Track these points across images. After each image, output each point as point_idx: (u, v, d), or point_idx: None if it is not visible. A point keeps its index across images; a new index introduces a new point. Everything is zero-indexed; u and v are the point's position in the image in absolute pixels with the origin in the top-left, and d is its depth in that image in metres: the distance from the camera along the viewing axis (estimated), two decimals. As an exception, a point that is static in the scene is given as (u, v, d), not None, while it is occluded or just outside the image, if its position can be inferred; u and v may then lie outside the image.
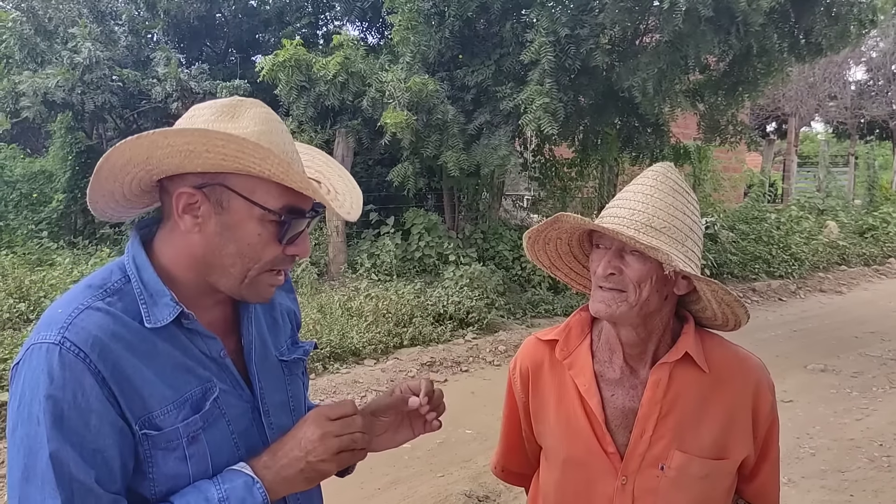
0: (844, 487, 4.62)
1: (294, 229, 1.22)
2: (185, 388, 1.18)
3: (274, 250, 1.21)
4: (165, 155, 1.13)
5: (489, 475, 4.55)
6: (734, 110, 10.36)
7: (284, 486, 1.21)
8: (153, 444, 1.14)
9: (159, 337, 1.17)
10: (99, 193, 1.22)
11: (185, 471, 1.16)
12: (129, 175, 1.19)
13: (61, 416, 1.06)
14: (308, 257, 9.30)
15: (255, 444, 1.27)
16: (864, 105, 21.27)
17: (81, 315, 1.12)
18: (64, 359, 1.07)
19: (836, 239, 14.97)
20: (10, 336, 6.01)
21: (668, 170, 1.48)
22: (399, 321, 7.79)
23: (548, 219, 1.48)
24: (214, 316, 1.28)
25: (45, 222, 10.64)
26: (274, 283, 1.26)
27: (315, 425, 1.23)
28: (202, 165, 1.14)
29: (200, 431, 1.18)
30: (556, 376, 1.58)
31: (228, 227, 1.18)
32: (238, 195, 1.17)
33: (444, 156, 8.71)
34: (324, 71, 8.91)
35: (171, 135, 1.10)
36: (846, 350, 8.10)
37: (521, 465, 1.78)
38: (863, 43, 9.93)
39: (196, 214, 1.18)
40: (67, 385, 1.07)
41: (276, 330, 1.42)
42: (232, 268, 1.20)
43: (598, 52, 7.89)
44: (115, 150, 1.12)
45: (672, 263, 1.33)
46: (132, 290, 1.18)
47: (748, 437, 1.48)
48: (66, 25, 10.55)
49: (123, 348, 1.12)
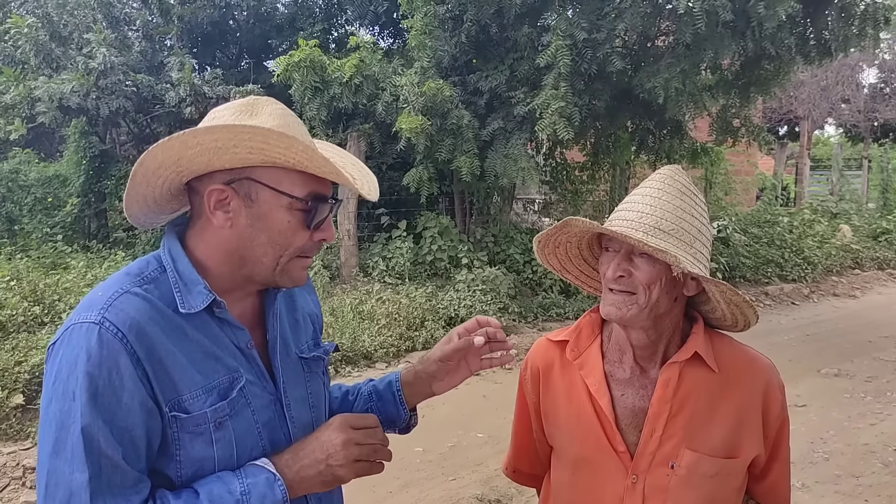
0: (859, 492, 4.59)
1: (320, 215, 1.27)
2: (214, 375, 1.23)
3: (303, 237, 1.27)
4: (196, 154, 1.19)
5: (501, 479, 4.57)
6: (747, 111, 10.33)
7: (303, 485, 1.25)
8: (181, 426, 1.19)
9: (191, 324, 1.23)
10: (133, 199, 1.29)
11: (210, 454, 1.20)
12: (160, 178, 1.25)
13: (96, 392, 1.10)
14: (321, 260, 9.35)
15: (277, 436, 1.31)
16: (878, 108, 21.10)
17: (121, 298, 1.18)
18: (103, 338, 1.12)
19: (850, 242, 14.87)
20: (25, 339, 6.06)
21: (676, 172, 1.49)
22: (411, 325, 7.81)
23: (557, 223, 1.50)
24: (243, 309, 1.34)
25: (59, 226, 10.74)
26: (306, 266, 1.33)
27: (340, 430, 1.27)
28: (230, 161, 1.21)
29: (227, 418, 1.23)
30: (567, 376, 1.59)
31: (259, 218, 1.24)
32: (266, 186, 1.23)
33: (458, 161, 8.72)
34: (338, 73, 8.95)
35: (200, 133, 1.16)
36: (860, 354, 8.05)
37: (532, 466, 1.78)
38: (878, 45, 9.85)
39: (227, 210, 1.24)
40: (104, 363, 1.11)
41: (297, 330, 1.46)
42: (264, 257, 1.26)
43: (615, 56, 7.89)
44: (148, 155, 1.19)
45: (680, 265, 1.34)
46: (167, 280, 1.24)
47: (758, 437, 1.49)
48: (81, 31, 10.66)
49: (159, 332, 1.18)
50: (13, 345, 5.86)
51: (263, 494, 1.18)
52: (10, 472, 4.53)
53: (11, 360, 5.50)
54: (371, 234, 10.67)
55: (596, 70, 8.22)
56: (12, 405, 5.14)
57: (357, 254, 9.79)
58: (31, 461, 4.57)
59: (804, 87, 19.68)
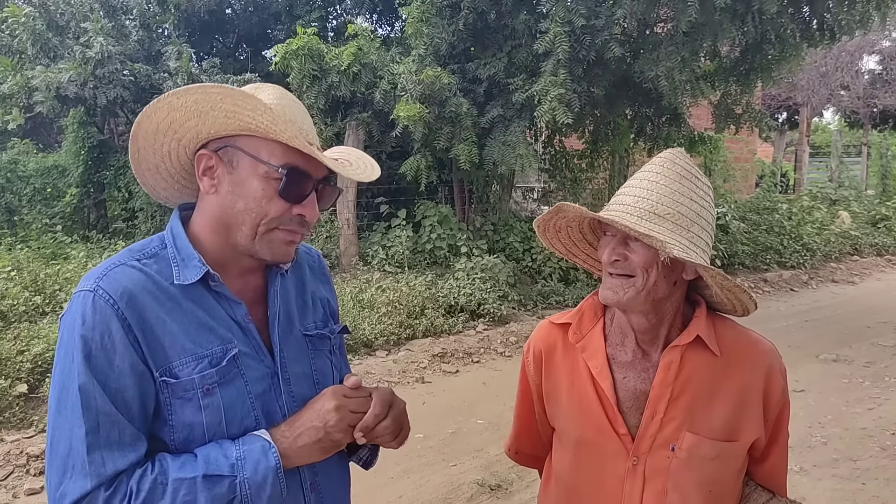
0: (856, 476, 4.62)
1: (296, 187, 1.30)
2: (207, 344, 1.28)
3: (278, 206, 1.29)
4: (183, 118, 1.28)
5: (501, 464, 4.60)
6: (748, 97, 10.31)
7: (299, 454, 1.28)
8: (172, 391, 1.24)
9: (187, 296, 1.29)
10: (145, 167, 1.38)
11: (199, 419, 1.25)
12: (163, 146, 1.35)
13: (89, 354, 1.19)
14: (321, 249, 9.35)
15: (272, 408, 1.34)
16: (877, 94, 21.07)
17: (116, 269, 1.26)
18: (96, 304, 1.21)
19: (849, 229, 14.89)
20: (27, 329, 6.07)
21: (677, 156, 1.48)
22: (411, 313, 7.83)
23: (551, 208, 1.51)
24: (243, 284, 1.38)
25: (58, 216, 10.73)
26: (289, 241, 1.34)
27: (332, 398, 1.32)
28: (213, 127, 1.28)
29: (216, 385, 1.27)
30: (569, 359, 1.60)
31: (237, 184, 1.30)
32: (246, 154, 1.29)
33: (456, 149, 8.72)
34: (336, 61, 8.92)
35: (181, 94, 1.24)
36: (858, 340, 8.08)
37: (534, 447, 1.80)
38: (883, 27, 9.83)
39: (213, 176, 1.31)
40: (96, 327, 1.20)
41: (305, 310, 1.49)
42: (243, 225, 1.30)
43: (614, 43, 7.86)
44: (143, 115, 1.28)
45: (666, 250, 1.34)
46: (167, 255, 1.31)
47: (759, 420, 1.50)
48: (78, 20, 10.59)
49: (152, 301, 1.25)
50: (15, 334, 5.87)
51: (257, 461, 1.23)
52: (14, 461, 4.55)
53: (14, 350, 5.52)
54: (370, 223, 10.68)
55: (594, 57, 8.20)
56: (15, 394, 5.16)
57: (357, 242, 9.79)
58: (35, 449, 4.59)
59: (803, 74, 19.63)
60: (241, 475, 1.21)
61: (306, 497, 1.37)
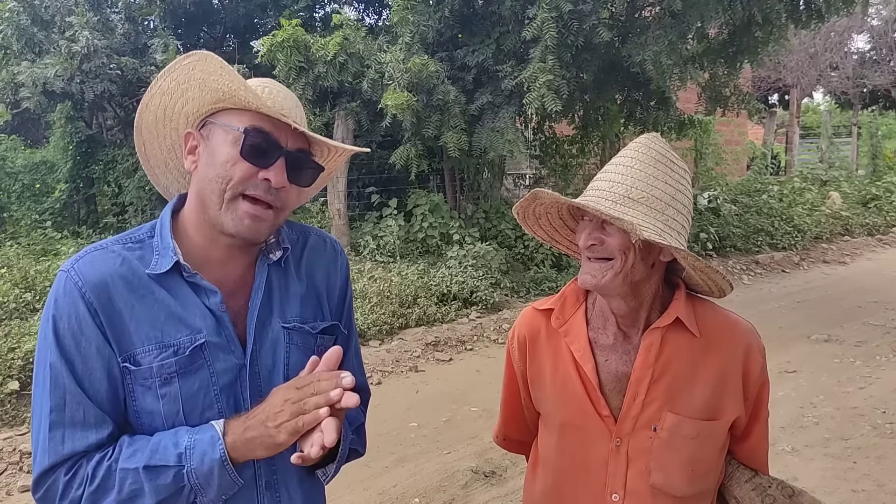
0: (848, 454, 4.66)
1: (257, 146, 1.28)
2: (175, 334, 1.28)
3: (242, 168, 1.27)
4: (173, 102, 1.33)
5: (495, 451, 4.62)
6: (736, 79, 10.30)
7: (245, 448, 1.23)
8: (134, 378, 1.26)
9: (161, 285, 1.29)
10: (153, 163, 1.44)
11: (157, 408, 1.26)
12: (166, 139, 1.40)
13: (58, 334, 1.23)
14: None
15: (238, 401, 1.32)
16: (867, 74, 21.08)
17: (95, 253, 1.29)
18: (66, 286, 1.24)
19: (840, 209, 14.94)
20: (17, 325, 6.05)
21: (652, 140, 1.50)
22: (403, 302, 7.83)
23: (527, 195, 1.52)
24: (226, 273, 1.37)
25: (48, 212, 10.70)
26: (253, 214, 1.28)
27: (282, 393, 1.24)
28: (196, 103, 1.32)
29: (175, 375, 1.27)
30: (553, 344, 1.62)
31: (210, 154, 1.31)
32: (218, 125, 1.31)
33: (445, 136, 8.69)
34: (323, 51, 8.88)
35: (160, 79, 1.29)
36: (850, 320, 8.12)
37: (521, 433, 1.82)
38: (867, 8, 9.83)
39: (196, 153, 1.34)
40: (65, 308, 1.24)
41: (293, 302, 1.43)
42: (213, 194, 1.29)
43: (602, 28, 7.84)
44: (142, 105, 1.33)
45: (637, 233, 1.35)
46: (153, 244, 1.33)
47: (738, 399, 1.52)
48: (63, 14, 10.51)
49: (123, 287, 1.26)
50: (6, 331, 5.86)
51: (204, 452, 1.21)
52: (6, 458, 4.55)
53: (5, 347, 5.51)
54: (362, 213, 10.66)
55: (583, 42, 8.17)
56: (7, 391, 5.16)
57: (348, 233, 9.78)
58: (27, 446, 4.59)
59: (792, 55, 19.63)
60: (188, 465, 1.20)
61: (260, 496, 1.34)
